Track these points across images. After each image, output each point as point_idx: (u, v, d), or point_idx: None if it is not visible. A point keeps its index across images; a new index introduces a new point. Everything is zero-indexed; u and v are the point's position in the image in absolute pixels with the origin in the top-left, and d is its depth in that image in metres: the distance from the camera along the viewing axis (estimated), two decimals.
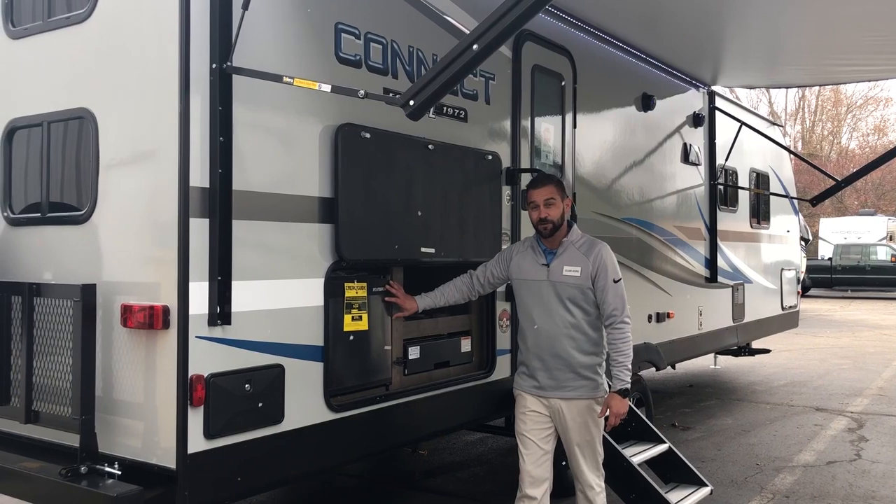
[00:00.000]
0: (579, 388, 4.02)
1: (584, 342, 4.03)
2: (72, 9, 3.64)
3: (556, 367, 4.04)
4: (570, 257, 4.05)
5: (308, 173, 3.68)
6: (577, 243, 4.09)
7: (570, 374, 4.02)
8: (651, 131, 6.92)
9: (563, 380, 4.03)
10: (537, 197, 4.07)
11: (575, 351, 4.02)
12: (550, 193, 4.06)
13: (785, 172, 10.62)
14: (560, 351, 4.03)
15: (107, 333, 3.37)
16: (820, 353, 13.36)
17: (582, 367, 4.02)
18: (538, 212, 4.06)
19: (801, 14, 5.89)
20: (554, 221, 4.05)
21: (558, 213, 4.05)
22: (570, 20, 5.78)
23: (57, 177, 3.74)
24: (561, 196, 4.09)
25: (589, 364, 4.03)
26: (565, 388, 4.03)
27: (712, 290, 7.99)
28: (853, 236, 30.47)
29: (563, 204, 4.08)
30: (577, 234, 4.16)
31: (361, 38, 3.96)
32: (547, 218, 4.04)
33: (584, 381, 4.02)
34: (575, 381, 4.03)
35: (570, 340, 4.02)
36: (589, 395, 4.03)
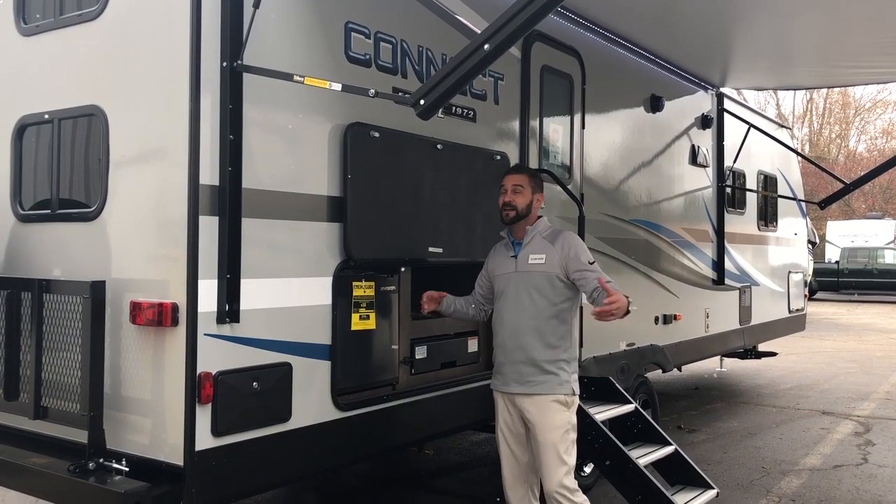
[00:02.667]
0: (541, 383, 3.85)
1: (548, 334, 3.88)
2: (83, 6, 3.65)
3: (520, 361, 3.90)
4: (535, 246, 3.97)
5: (317, 172, 3.68)
6: (543, 233, 4.01)
7: (532, 368, 3.87)
8: (659, 133, 6.91)
9: (525, 374, 3.89)
10: (507, 182, 4.03)
11: (539, 343, 3.86)
12: (520, 181, 4.00)
13: (793, 175, 10.59)
14: (523, 343, 3.89)
15: (115, 330, 3.38)
16: (826, 357, 13.31)
17: (545, 362, 3.85)
18: (504, 196, 4.01)
19: (810, 16, 5.88)
20: (517, 208, 3.98)
21: (524, 202, 3.98)
22: (579, 21, 5.78)
23: (67, 174, 3.75)
24: (532, 187, 4.01)
25: (552, 358, 3.85)
26: (527, 384, 3.88)
27: (719, 292, 7.97)
28: (860, 239, 30.37)
29: (532, 196, 4.01)
30: (544, 224, 4.07)
31: (371, 38, 3.97)
32: (511, 203, 3.98)
33: (547, 376, 3.85)
34: (537, 376, 3.86)
35: (533, 332, 3.88)
36: (550, 392, 3.84)
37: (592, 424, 4.79)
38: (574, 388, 3.90)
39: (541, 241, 3.98)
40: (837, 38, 6.58)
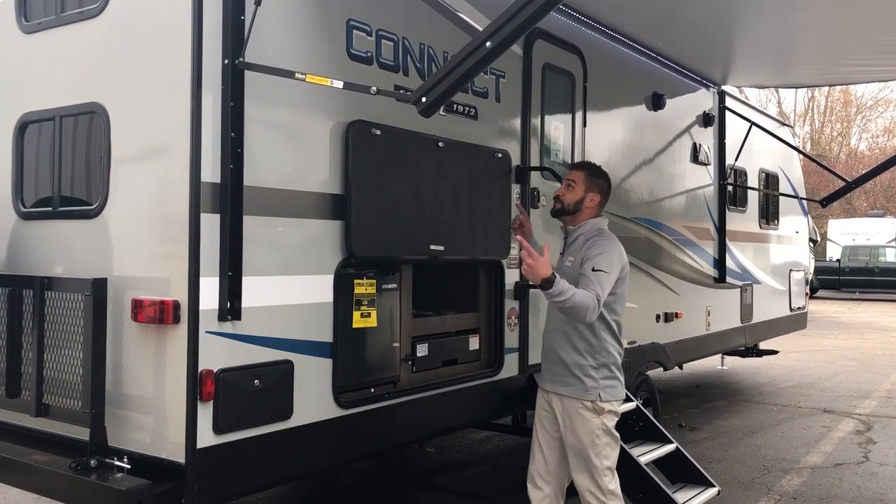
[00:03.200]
0: (569, 385, 3.92)
1: (576, 338, 3.92)
2: (84, 4, 3.65)
3: (553, 360, 4.01)
4: (575, 247, 4.01)
5: (318, 170, 3.68)
6: (586, 234, 4.00)
7: (562, 368, 3.95)
8: (661, 131, 6.90)
9: (557, 373, 3.98)
10: (565, 176, 4.15)
11: (567, 346, 3.94)
12: (574, 177, 4.08)
13: (794, 173, 10.59)
14: (555, 344, 4.01)
15: (117, 328, 3.38)
16: (828, 355, 13.31)
17: (572, 365, 3.91)
18: (559, 189, 4.11)
19: (812, 14, 5.87)
20: (563, 202, 4.05)
21: (573, 199, 4.02)
22: (581, 18, 5.77)
23: (68, 171, 3.75)
24: (587, 185, 4.03)
25: (578, 363, 3.90)
26: (558, 383, 3.98)
27: (721, 290, 7.96)
28: (862, 238, 30.35)
29: (584, 194, 4.02)
30: (590, 226, 4.03)
31: (373, 35, 3.96)
32: (559, 197, 4.09)
33: (573, 380, 3.91)
34: (566, 377, 3.94)
35: (563, 335, 3.96)
36: (576, 395, 3.90)
37: None
38: (603, 394, 3.88)
39: (581, 243, 3.97)
40: (839, 36, 6.56)
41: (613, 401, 3.94)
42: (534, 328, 5.12)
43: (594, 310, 3.67)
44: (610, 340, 3.96)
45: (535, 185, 5.13)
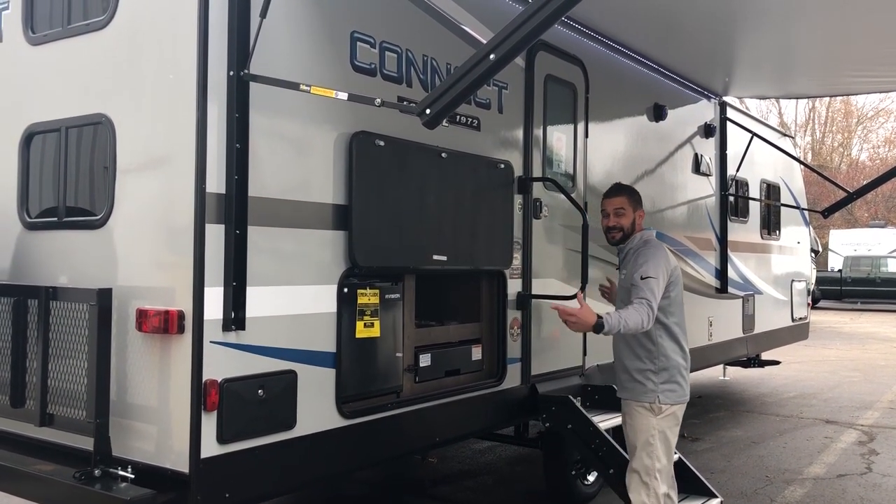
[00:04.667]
0: (630, 389, 4.15)
1: (635, 345, 4.14)
2: (91, 16, 3.68)
3: (619, 368, 4.26)
4: (626, 261, 4.25)
5: (322, 180, 3.70)
6: (634, 248, 4.23)
7: (626, 375, 4.20)
8: (662, 141, 6.92)
9: (622, 380, 4.23)
10: (608, 206, 4.32)
11: (628, 353, 4.18)
12: (621, 203, 4.28)
13: (796, 184, 10.60)
14: (619, 353, 4.25)
15: (121, 337, 3.39)
16: (830, 366, 13.29)
17: (634, 371, 4.15)
18: (608, 219, 4.30)
19: (813, 25, 5.90)
20: (623, 229, 4.26)
21: (627, 223, 4.26)
22: (583, 30, 5.80)
23: (73, 182, 3.78)
24: (633, 206, 4.28)
25: (639, 368, 4.12)
26: (623, 389, 4.22)
27: (722, 300, 7.97)
28: (863, 248, 30.34)
29: (634, 214, 4.27)
30: (637, 239, 4.27)
31: (377, 47, 3.99)
32: (616, 226, 4.28)
33: (634, 384, 4.13)
34: (628, 383, 4.17)
35: (625, 342, 4.20)
36: (635, 398, 4.12)
37: (596, 433, 4.80)
38: (661, 397, 4.08)
39: (630, 256, 4.23)
40: (840, 47, 6.59)
41: (673, 405, 4.10)
42: (536, 338, 5.13)
43: (648, 315, 3.90)
44: (669, 345, 4.13)
45: (538, 195, 5.15)
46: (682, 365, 4.16)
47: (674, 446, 4.17)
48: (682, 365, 4.17)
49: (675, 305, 4.15)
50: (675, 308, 4.16)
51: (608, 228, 4.32)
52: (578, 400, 5.07)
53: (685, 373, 4.18)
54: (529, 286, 5.06)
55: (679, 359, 4.15)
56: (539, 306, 5.14)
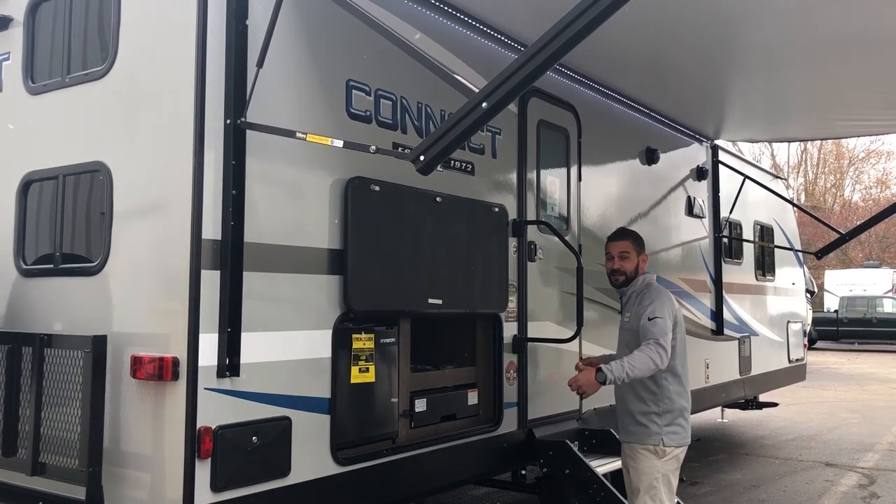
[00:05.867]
0: (633, 433, 4.16)
1: (640, 388, 4.15)
2: (90, 66, 3.74)
3: (621, 411, 4.28)
4: (630, 304, 4.31)
5: (318, 225, 3.73)
6: (637, 291, 4.29)
7: (629, 418, 4.21)
8: (655, 184, 6.99)
9: (625, 423, 4.24)
10: (612, 249, 4.39)
11: (632, 396, 4.18)
12: (626, 248, 4.36)
13: (789, 225, 10.67)
14: (622, 396, 4.26)
15: (116, 384, 3.37)
16: (828, 407, 13.21)
17: (637, 413, 4.15)
18: (612, 262, 4.37)
19: (801, 71, 6.00)
20: (626, 273, 4.33)
21: (631, 267, 4.34)
22: (574, 77, 5.90)
23: (70, 229, 3.79)
24: (636, 250, 4.36)
25: (643, 411, 4.13)
26: (625, 433, 4.23)
27: (719, 342, 7.96)
28: (859, 288, 30.38)
29: (637, 258, 4.35)
30: (640, 282, 4.34)
31: (372, 95, 4.05)
32: (620, 269, 4.34)
33: (638, 427, 4.14)
34: (631, 426, 4.18)
35: (628, 386, 4.20)
36: (639, 441, 4.12)
37: (594, 478, 4.76)
38: (665, 439, 4.09)
39: (634, 300, 4.30)
40: (828, 93, 6.70)
41: (676, 447, 4.12)
42: (532, 382, 5.12)
43: (660, 355, 3.93)
44: (673, 387, 4.16)
45: (532, 238, 5.18)
46: (684, 407, 4.19)
47: (675, 490, 4.16)
48: (685, 407, 4.19)
49: (678, 348, 4.18)
50: (679, 350, 4.19)
51: (612, 272, 4.38)
52: (576, 444, 5.04)
53: (687, 415, 4.20)
54: (525, 329, 5.07)
55: (682, 401, 4.18)
56: (535, 349, 5.13)
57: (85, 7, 3.80)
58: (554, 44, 2.79)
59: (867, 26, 4.77)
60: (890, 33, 4.87)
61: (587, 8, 2.71)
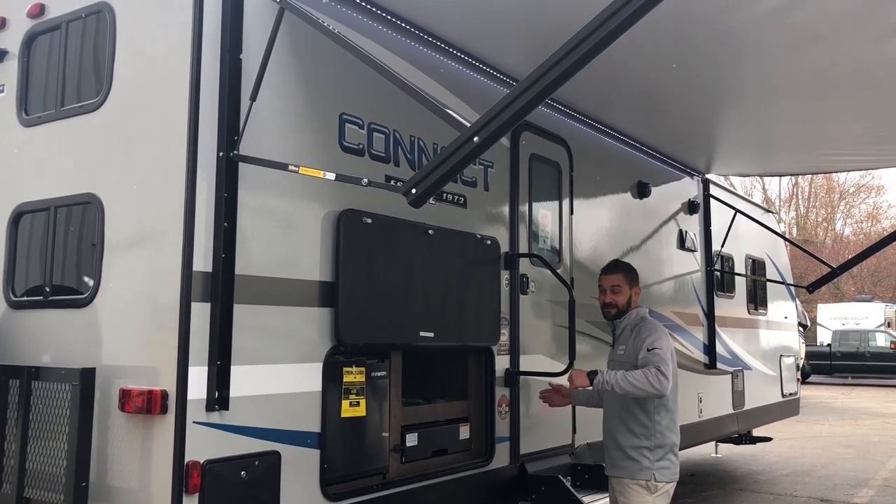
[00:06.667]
0: (624, 467, 4.14)
1: (631, 422, 4.13)
2: (84, 98, 3.76)
3: (610, 445, 4.25)
4: (623, 336, 4.30)
5: (309, 258, 3.72)
6: (631, 324, 4.29)
7: (619, 452, 4.17)
8: (647, 218, 7.02)
9: (614, 457, 4.22)
10: (605, 283, 4.41)
11: (623, 429, 4.16)
12: (618, 281, 4.37)
13: (781, 258, 10.71)
14: (612, 429, 4.24)
15: (103, 418, 3.34)
16: (822, 442, 13.15)
17: (628, 447, 4.13)
18: (605, 296, 4.38)
19: (790, 107, 6.07)
20: (618, 306, 4.34)
21: (624, 300, 4.35)
22: (566, 111, 5.95)
23: (60, 261, 3.78)
24: (629, 283, 4.37)
25: (634, 445, 4.11)
26: (615, 467, 4.20)
27: (711, 376, 7.94)
28: (851, 322, 30.42)
29: (630, 291, 4.36)
30: (634, 315, 4.34)
31: (365, 128, 4.08)
32: (612, 303, 4.35)
33: (629, 462, 4.13)
34: (621, 461, 4.16)
35: (618, 419, 4.18)
36: (630, 476, 4.10)
37: None
38: (657, 474, 4.07)
39: (628, 333, 4.29)
40: (817, 128, 6.78)
41: (668, 482, 4.10)
42: (525, 416, 5.08)
43: (659, 380, 3.90)
44: (665, 422, 4.14)
45: (525, 271, 5.18)
46: (675, 443, 4.18)
47: None
48: (676, 443, 4.18)
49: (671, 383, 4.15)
50: (671, 386, 4.14)
51: (604, 305, 4.39)
52: (568, 479, 5.00)
53: (677, 451, 4.19)
54: (517, 363, 5.05)
55: (673, 436, 4.17)
56: (527, 383, 5.11)
57: (80, 40, 3.83)
58: (545, 79, 2.81)
59: (857, 62, 4.83)
60: (880, 69, 4.94)
61: (578, 44, 2.74)
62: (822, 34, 4.38)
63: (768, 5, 3.96)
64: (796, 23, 4.20)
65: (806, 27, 4.27)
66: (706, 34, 4.44)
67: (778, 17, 4.13)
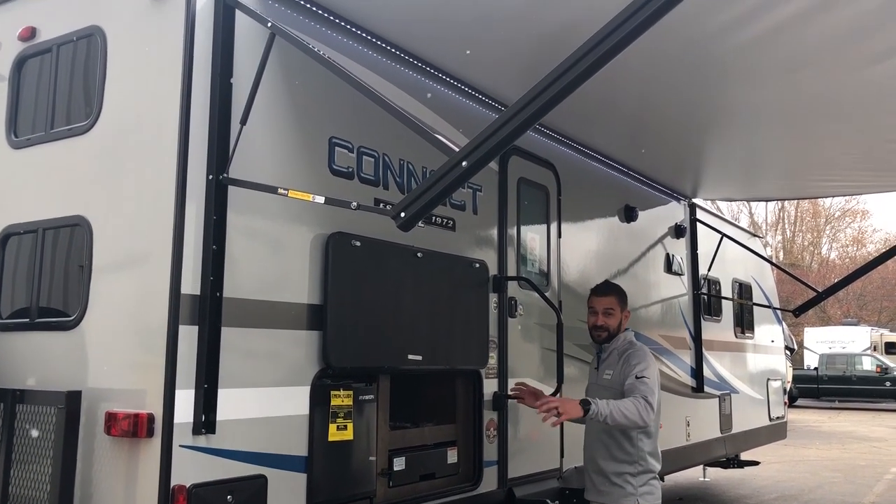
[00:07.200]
0: (607, 493, 4.10)
1: (614, 448, 4.09)
2: (74, 121, 3.77)
3: (592, 470, 4.20)
4: (611, 360, 4.24)
5: (298, 280, 3.73)
6: (619, 349, 4.24)
7: (601, 477, 4.13)
8: (634, 241, 7.06)
9: (596, 483, 4.17)
10: (598, 305, 4.33)
11: (606, 454, 4.12)
12: (611, 304, 4.31)
13: (767, 282, 10.78)
14: (595, 454, 4.19)
15: (88, 441, 3.31)
16: (810, 466, 13.15)
17: (611, 473, 4.09)
18: (596, 318, 4.31)
19: (775, 134, 6.15)
20: (609, 329, 4.27)
21: (615, 323, 4.29)
22: (554, 136, 6.00)
23: (48, 283, 3.77)
24: (621, 307, 4.32)
25: (617, 471, 4.07)
26: (598, 493, 4.16)
27: (699, 399, 7.95)
28: (838, 346, 30.56)
29: (621, 315, 4.31)
30: (623, 339, 4.29)
31: (354, 152, 4.10)
32: (603, 326, 4.28)
33: (612, 487, 4.08)
34: (604, 486, 4.12)
35: (601, 445, 4.14)
36: (614, 502, 4.07)
37: None
38: (641, 500, 4.04)
39: (615, 357, 4.23)
40: (804, 154, 6.85)
41: None
42: (513, 439, 5.07)
43: (647, 410, 3.85)
44: (648, 448, 4.11)
45: (513, 294, 5.20)
46: (657, 469, 4.16)
47: None
48: (657, 468, 4.16)
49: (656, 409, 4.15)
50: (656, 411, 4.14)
51: (595, 327, 4.31)
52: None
53: (658, 477, 4.17)
54: (505, 386, 5.05)
55: (655, 462, 4.15)
56: (515, 407, 5.10)
57: (71, 63, 3.84)
58: (533, 105, 2.84)
59: (843, 89, 4.90)
60: (864, 96, 5.02)
61: (566, 70, 2.78)
62: (808, 61, 4.45)
63: (755, 31, 4.02)
64: (782, 49, 4.27)
65: (792, 54, 4.34)
66: (694, 60, 4.49)
67: (764, 44, 4.19)
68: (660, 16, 2.62)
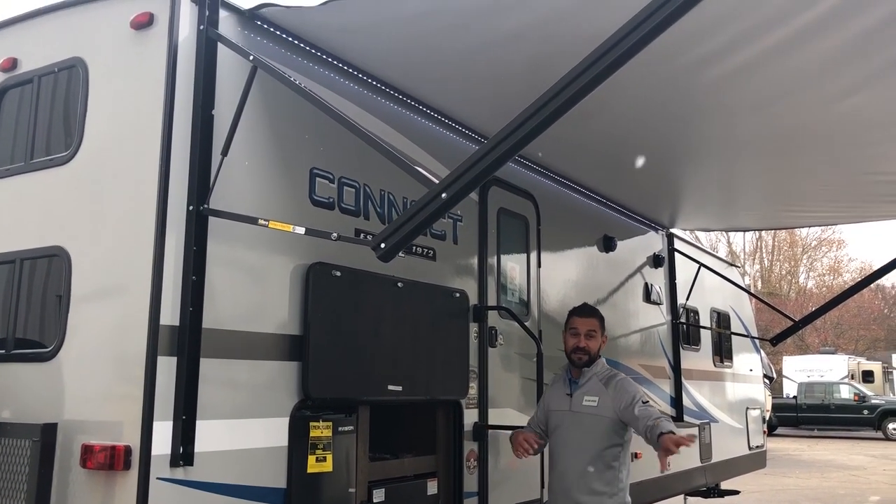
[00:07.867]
0: None
1: (593, 479, 4.05)
2: (53, 152, 3.76)
3: (559, 490, 4.16)
4: (591, 387, 4.19)
5: (278, 311, 3.72)
6: (600, 374, 4.22)
7: (572, 499, 4.07)
8: (613, 271, 7.11)
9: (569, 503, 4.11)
10: (580, 326, 4.27)
11: (584, 487, 4.06)
12: (593, 326, 4.28)
13: (745, 311, 10.86)
14: (570, 486, 4.10)
15: (63, 475, 3.27)
16: (790, 495, 13.17)
17: (586, 493, 4.06)
18: (577, 340, 4.24)
19: (751, 166, 6.25)
20: (590, 353, 4.24)
21: (596, 346, 4.26)
22: (533, 167, 6.06)
23: (24, 314, 3.74)
24: (601, 330, 4.30)
25: (594, 490, 4.05)
26: None
27: (679, 429, 7.94)
28: (816, 374, 30.79)
29: (601, 338, 4.28)
30: (602, 365, 4.28)
31: (335, 182, 4.13)
32: (585, 348, 4.23)
33: None
34: None
35: (579, 477, 4.08)
36: None
37: None
38: None
39: (596, 383, 4.18)
40: (780, 186, 6.97)
41: None
42: (494, 470, 5.05)
43: None
44: (623, 473, 4.13)
45: (493, 323, 5.21)
46: (627, 493, 4.16)
47: None
48: (628, 493, 4.16)
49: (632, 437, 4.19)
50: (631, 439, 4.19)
51: (577, 349, 4.24)
52: None
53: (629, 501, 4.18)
54: (486, 416, 5.04)
55: (627, 486, 4.16)
56: (496, 437, 5.09)
57: (52, 94, 3.85)
58: (513, 137, 2.89)
59: (816, 122, 5.00)
60: (837, 129, 5.12)
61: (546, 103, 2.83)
62: (780, 96, 4.53)
63: (727, 68, 4.11)
64: (755, 85, 4.36)
65: (764, 89, 4.43)
66: (671, 93, 4.58)
67: (737, 80, 4.28)
68: (634, 52, 2.69)
